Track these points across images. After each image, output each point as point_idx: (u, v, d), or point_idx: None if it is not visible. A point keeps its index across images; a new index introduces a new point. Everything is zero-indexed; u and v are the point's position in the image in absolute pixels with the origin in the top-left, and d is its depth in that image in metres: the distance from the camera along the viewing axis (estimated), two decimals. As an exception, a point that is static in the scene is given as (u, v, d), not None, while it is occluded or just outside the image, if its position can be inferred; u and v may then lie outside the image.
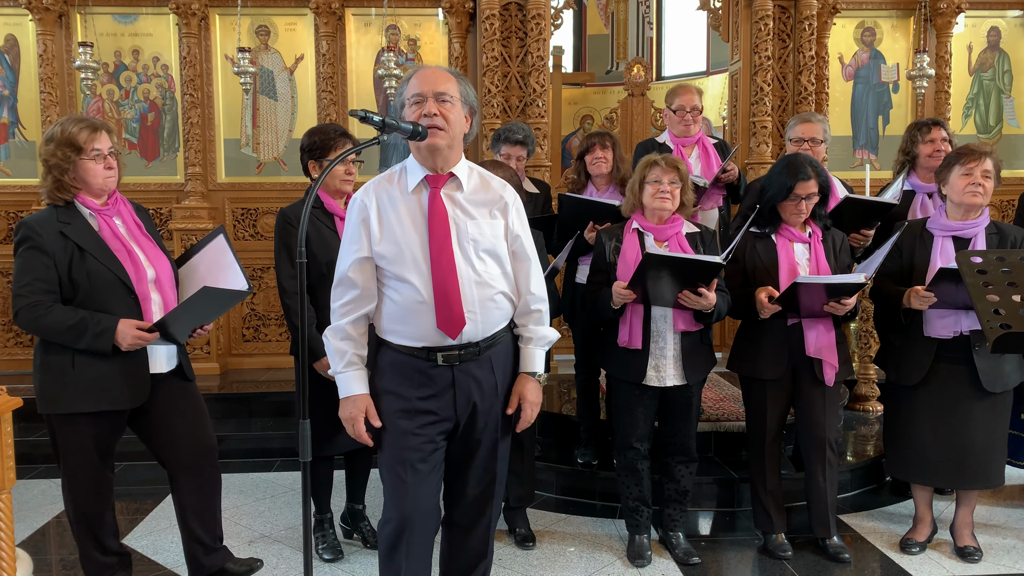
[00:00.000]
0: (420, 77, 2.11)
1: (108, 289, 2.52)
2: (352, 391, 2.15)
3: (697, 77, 10.27)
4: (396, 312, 2.13)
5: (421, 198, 2.14)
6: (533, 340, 2.28)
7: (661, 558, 3.26)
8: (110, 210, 2.63)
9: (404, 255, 2.10)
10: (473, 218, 2.15)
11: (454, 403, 2.17)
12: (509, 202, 2.23)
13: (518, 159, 3.74)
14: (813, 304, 3.01)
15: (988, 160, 3.04)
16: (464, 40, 5.61)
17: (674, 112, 3.89)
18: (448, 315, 2.08)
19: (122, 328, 2.48)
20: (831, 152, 5.61)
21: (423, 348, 2.13)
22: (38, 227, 2.51)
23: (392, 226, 2.12)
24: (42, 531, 3.60)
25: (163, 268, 2.68)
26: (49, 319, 2.47)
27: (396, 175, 2.19)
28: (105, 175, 2.58)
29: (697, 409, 3.24)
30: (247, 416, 4.89)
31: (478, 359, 2.17)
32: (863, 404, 4.80)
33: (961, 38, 5.95)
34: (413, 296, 2.10)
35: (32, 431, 4.46)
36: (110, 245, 2.56)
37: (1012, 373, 3.10)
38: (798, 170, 3.06)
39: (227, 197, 5.67)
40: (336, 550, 3.26)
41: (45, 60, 5.39)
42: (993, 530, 3.51)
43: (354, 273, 2.14)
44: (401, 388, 2.16)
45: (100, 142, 2.56)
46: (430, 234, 2.10)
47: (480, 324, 2.14)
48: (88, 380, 2.52)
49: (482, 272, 2.14)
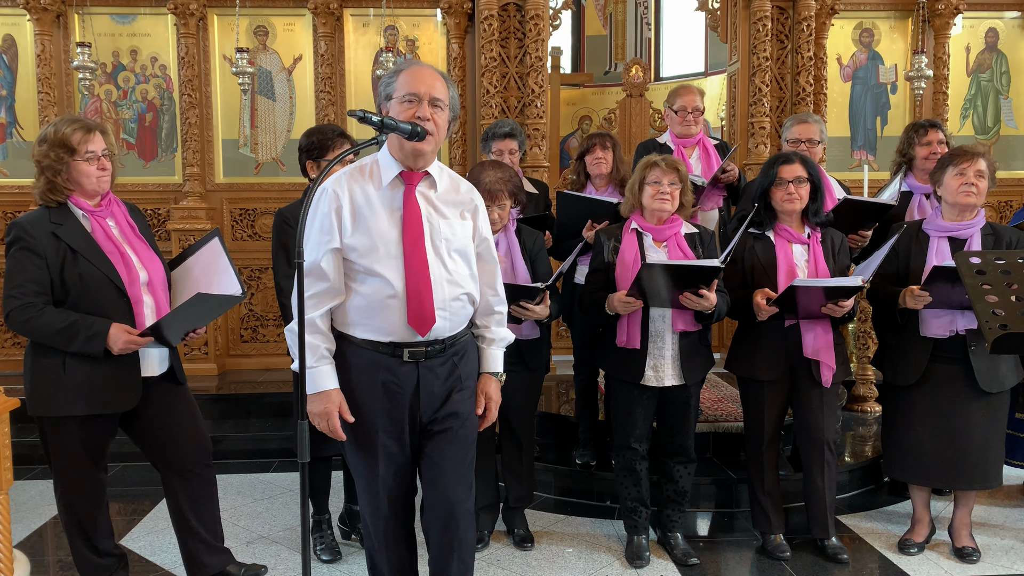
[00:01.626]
0: (414, 76, 2.09)
1: (100, 291, 2.50)
2: (324, 386, 2.13)
3: (695, 78, 10.27)
4: (363, 306, 2.12)
5: (395, 194, 2.14)
6: (495, 341, 2.32)
7: (659, 559, 3.26)
8: (103, 211, 2.60)
9: (377, 248, 2.09)
10: (445, 217, 2.17)
11: (418, 398, 2.17)
12: (478, 205, 2.27)
13: (511, 153, 3.70)
14: (811, 305, 3.01)
15: (981, 160, 3.05)
16: (462, 41, 5.61)
17: (676, 113, 3.89)
18: (420, 312, 2.09)
19: (114, 332, 2.46)
20: (829, 153, 5.62)
21: (389, 343, 2.13)
22: (30, 228, 2.48)
23: (366, 219, 2.11)
24: (39, 532, 3.59)
25: (156, 270, 2.66)
26: (41, 321, 2.45)
27: (368, 168, 2.17)
28: (99, 176, 2.55)
29: (695, 410, 3.24)
30: (245, 417, 4.89)
31: (442, 355, 2.18)
32: (861, 405, 4.80)
33: (959, 39, 5.96)
34: (384, 290, 2.09)
35: (29, 432, 4.40)
36: (103, 247, 2.54)
37: (1008, 373, 3.10)
38: (781, 155, 3.17)
39: (225, 197, 5.67)
40: (334, 551, 3.26)
41: (43, 60, 5.38)
42: (991, 530, 3.52)
43: (326, 264, 2.10)
44: (366, 382, 2.16)
45: (94, 143, 2.54)
46: (404, 230, 2.11)
47: (448, 322, 2.15)
48: (79, 383, 2.51)
49: (453, 271, 2.16)
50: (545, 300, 3.06)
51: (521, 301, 2.99)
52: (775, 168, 3.12)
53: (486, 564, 3.21)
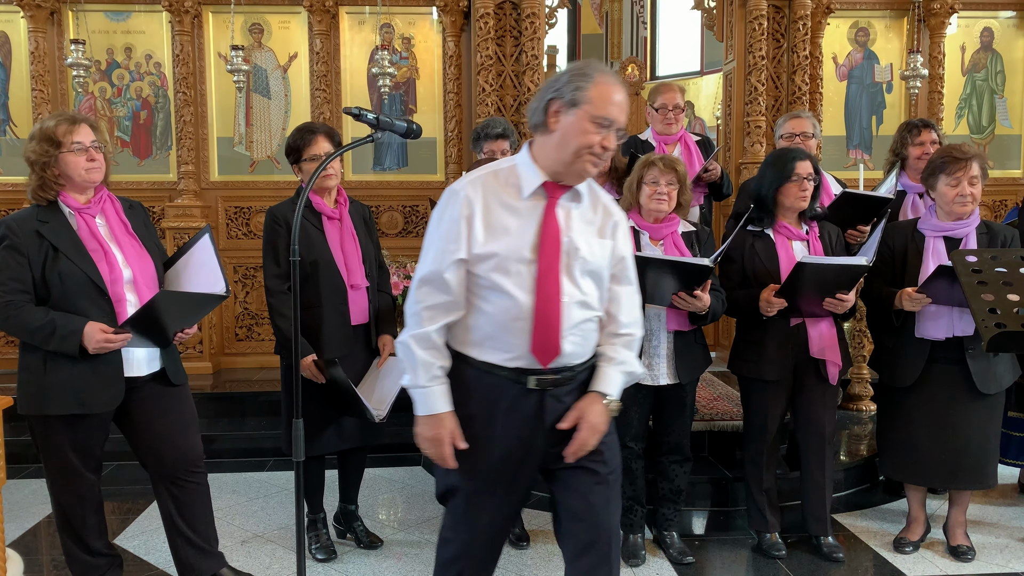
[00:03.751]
0: (612, 98, 1.86)
1: (80, 290, 2.48)
2: (437, 408, 1.92)
3: (691, 77, 10.28)
4: (486, 325, 1.92)
5: (535, 206, 1.92)
6: (615, 361, 2.02)
7: (655, 557, 3.26)
8: (92, 208, 2.58)
9: (508, 264, 1.88)
10: (584, 236, 1.95)
11: (542, 429, 1.96)
12: (619, 221, 2.04)
13: (502, 154, 3.68)
14: (813, 297, 2.98)
15: (974, 164, 3.00)
16: (458, 39, 5.60)
17: (656, 111, 3.91)
18: (545, 340, 1.89)
19: (88, 330, 2.43)
20: (825, 152, 5.63)
21: (514, 369, 1.92)
22: (16, 226, 2.49)
23: (499, 230, 1.89)
24: (33, 531, 3.57)
25: (143, 269, 2.62)
26: (20, 320, 2.45)
27: (504, 174, 1.95)
28: (87, 167, 2.53)
29: (691, 408, 3.24)
30: (240, 416, 4.87)
31: (571, 383, 1.98)
32: (856, 404, 4.81)
33: (954, 38, 5.96)
34: (510, 310, 1.89)
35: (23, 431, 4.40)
36: (86, 245, 2.52)
37: (1005, 374, 3.10)
38: (791, 151, 3.13)
39: (220, 196, 5.64)
40: (329, 550, 3.25)
41: (37, 57, 5.35)
42: (986, 529, 3.52)
43: (449, 275, 1.89)
44: (485, 409, 1.96)
45: (80, 135, 2.52)
46: (541, 247, 1.89)
47: (579, 347, 1.95)
48: (59, 382, 2.49)
49: (587, 293, 1.95)
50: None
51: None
52: (792, 164, 3.05)
53: (482, 563, 3.21)
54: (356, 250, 3.10)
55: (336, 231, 3.07)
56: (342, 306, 3.05)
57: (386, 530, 3.55)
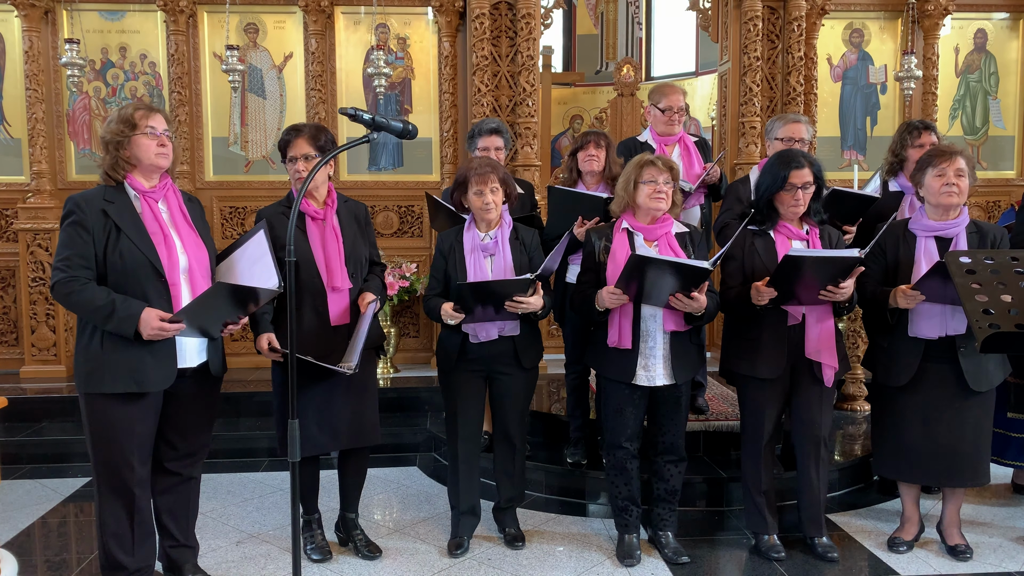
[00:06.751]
0: None
1: (139, 271, 2.55)
2: None
3: (686, 77, 10.30)
4: None
5: None
6: None
7: (650, 557, 3.26)
8: (156, 193, 2.66)
9: None
10: None
11: None
12: None
13: (496, 150, 3.69)
14: (809, 290, 2.98)
15: (960, 159, 3.04)
16: (454, 39, 5.60)
17: (662, 112, 3.90)
18: None
19: (145, 316, 2.49)
20: (819, 153, 5.65)
21: None
22: (83, 203, 2.56)
23: None
24: (27, 532, 3.56)
25: (199, 259, 2.69)
26: (82, 296, 2.51)
27: None
28: (157, 152, 2.62)
29: (686, 409, 3.24)
30: (235, 416, 4.86)
31: None
32: (851, 403, 4.82)
33: (948, 40, 5.99)
34: None
35: (18, 431, 4.42)
36: (148, 228, 2.59)
37: (995, 371, 3.12)
38: (791, 159, 3.08)
39: (215, 195, 5.64)
40: (324, 551, 3.24)
41: (31, 57, 5.34)
42: (980, 528, 3.54)
43: None
44: None
45: (154, 121, 2.63)
46: None
47: None
48: (115, 362, 2.55)
49: None
50: (538, 290, 3.06)
51: (515, 296, 2.98)
52: (786, 172, 3.05)
53: (476, 563, 3.21)
54: (339, 251, 3.03)
55: (318, 232, 3.03)
56: (321, 307, 3.02)
57: (381, 530, 3.55)
